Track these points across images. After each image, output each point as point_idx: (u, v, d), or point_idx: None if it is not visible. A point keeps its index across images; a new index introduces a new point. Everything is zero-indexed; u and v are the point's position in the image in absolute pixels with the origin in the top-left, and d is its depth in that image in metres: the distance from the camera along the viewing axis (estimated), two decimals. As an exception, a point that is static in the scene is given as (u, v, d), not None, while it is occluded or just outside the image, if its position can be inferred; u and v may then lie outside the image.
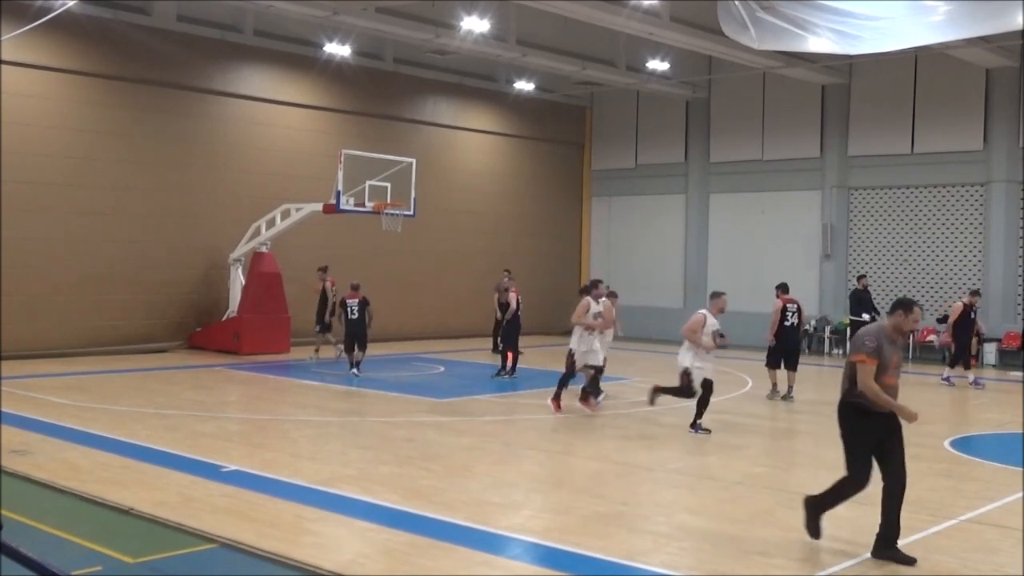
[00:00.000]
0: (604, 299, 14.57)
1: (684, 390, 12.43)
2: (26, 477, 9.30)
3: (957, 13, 12.01)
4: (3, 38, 17.13)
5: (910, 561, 7.00)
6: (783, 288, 16.67)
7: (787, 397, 16.00)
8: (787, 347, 16.12)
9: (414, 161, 20.96)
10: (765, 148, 27.07)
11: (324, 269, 20.32)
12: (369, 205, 19.97)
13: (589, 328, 14.02)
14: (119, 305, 20.70)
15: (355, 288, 17.94)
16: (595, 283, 14.89)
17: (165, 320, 21.53)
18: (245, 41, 22.75)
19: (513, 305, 18.10)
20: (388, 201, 20.08)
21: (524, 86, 27.29)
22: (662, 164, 29.18)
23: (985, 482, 10.10)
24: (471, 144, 27.84)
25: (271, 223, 21.29)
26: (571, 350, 14.06)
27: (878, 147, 25.13)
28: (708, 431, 12.39)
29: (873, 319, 20.95)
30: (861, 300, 20.77)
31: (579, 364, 14.00)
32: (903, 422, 7.18)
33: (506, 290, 18.17)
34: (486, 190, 28.17)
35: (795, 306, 16.25)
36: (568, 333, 14.62)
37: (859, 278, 21.32)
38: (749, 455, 11.36)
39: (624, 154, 30.04)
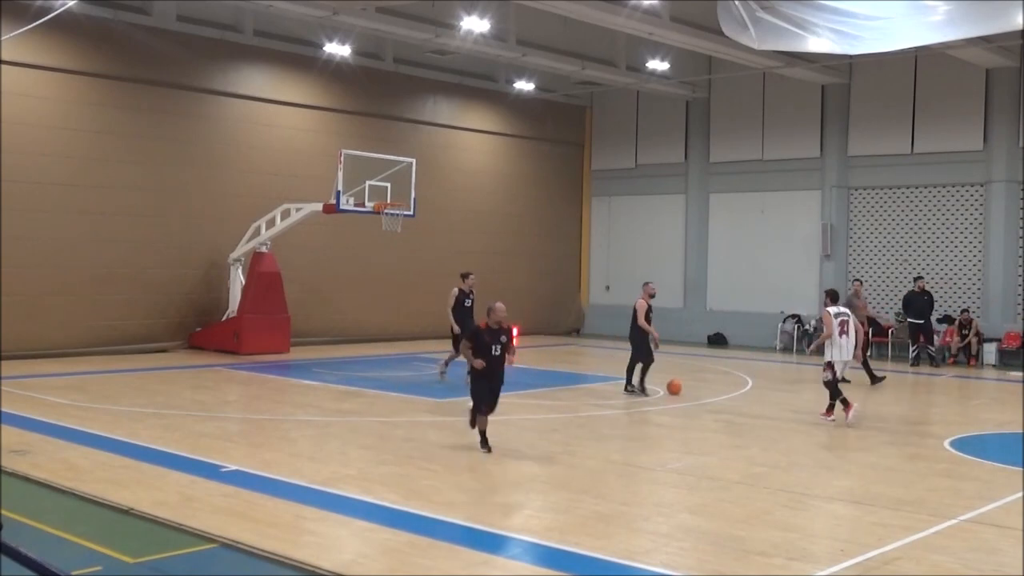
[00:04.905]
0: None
1: None
2: (26, 477, 9.30)
3: (957, 13, 12.03)
4: (3, 38, 17.13)
5: None
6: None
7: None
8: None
9: (414, 161, 20.96)
10: (765, 148, 27.05)
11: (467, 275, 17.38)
12: (369, 205, 19.96)
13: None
14: (119, 305, 20.69)
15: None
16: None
17: (165, 320, 21.52)
18: (245, 41, 22.73)
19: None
20: (388, 201, 20.08)
21: (524, 86, 27.28)
22: (662, 164, 29.15)
23: (985, 482, 10.09)
24: (471, 144, 27.82)
25: (271, 223, 21.28)
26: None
27: (878, 147, 25.12)
28: None
29: (927, 322, 21.79)
30: (914, 302, 22.25)
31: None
32: None
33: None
34: (486, 190, 28.15)
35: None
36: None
37: (916, 280, 22.60)
38: (749, 455, 11.35)
39: (624, 154, 30.01)
